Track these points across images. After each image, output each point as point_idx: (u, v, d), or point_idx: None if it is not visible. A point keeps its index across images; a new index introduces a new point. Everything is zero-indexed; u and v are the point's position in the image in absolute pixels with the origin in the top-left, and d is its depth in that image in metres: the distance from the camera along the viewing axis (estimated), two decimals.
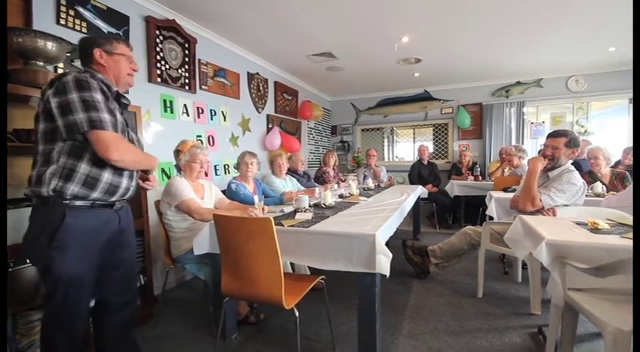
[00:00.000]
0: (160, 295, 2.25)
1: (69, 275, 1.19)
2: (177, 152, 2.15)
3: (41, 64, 1.66)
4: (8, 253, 1.47)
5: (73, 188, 1.19)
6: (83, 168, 1.20)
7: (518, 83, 5.17)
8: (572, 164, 2.27)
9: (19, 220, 1.51)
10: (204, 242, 1.79)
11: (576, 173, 2.17)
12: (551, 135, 2.27)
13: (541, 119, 5.29)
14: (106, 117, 1.18)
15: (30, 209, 1.24)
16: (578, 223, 1.70)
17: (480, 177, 4.53)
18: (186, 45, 2.97)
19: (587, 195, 2.29)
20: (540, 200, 2.10)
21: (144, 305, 2.13)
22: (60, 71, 2.02)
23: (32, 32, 1.61)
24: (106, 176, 1.25)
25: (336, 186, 3.36)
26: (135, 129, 2.13)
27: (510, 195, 2.59)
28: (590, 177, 3.06)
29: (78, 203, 1.21)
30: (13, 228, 1.50)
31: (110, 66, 1.33)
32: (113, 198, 1.31)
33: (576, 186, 2.12)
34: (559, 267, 1.43)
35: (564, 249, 1.42)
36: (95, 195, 1.24)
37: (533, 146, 5.20)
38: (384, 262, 1.45)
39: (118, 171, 1.29)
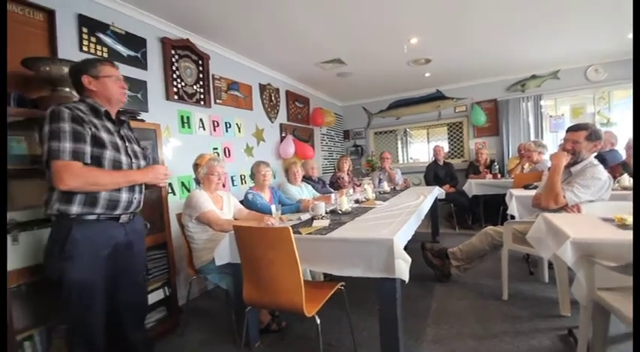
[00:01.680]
0: (184, 305, 2.31)
1: (80, 283, 1.30)
2: (196, 166, 2.23)
3: (68, 90, 1.75)
4: (42, 270, 1.53)
5: (75, 209, 1.29)
6: None
7: (534, 76, 5.04)
8: (595, 157, 2.19)
9: (37, 241, 1.57)
10: (224, 252, 1.83)
11: (600, 167, 2.09)
12: (570, 129, 2.20)
13: (560, 111, 5.13)
14: (66, 146, 1.23)
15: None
16: (604, 219, 1.64)
17: (499, 175, 4.42)
18: (200, 62, 3.08)
19: (613, 189, 2.20)
20: (564, 197, 2.03)
21: (169, 315, 2.20)
22: None
23: (58, 61, 1.71)
24: (104, 193, 1.34)
25: (351, 191, 3.37)
26: (154, 143, 2.21)
27: (531, 192, 2.52)
28: (623, 168, 2.92)
29: (84, 217, 1.32)
30: (32, 249, 1.55)
31: (99, 89, 1.41)
32: (117, 212, 1.40)
33: (601, 181, 2.04)
34: (585, 267, 1.38)
35: (591, 247, 1.37)
36: (98, 210, 1.34)
37: (553, 140, 5.04)
38: (403, 267, 1.45)
39: None
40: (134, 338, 1.59)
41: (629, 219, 1.52)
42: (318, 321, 1.49)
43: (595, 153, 2.20)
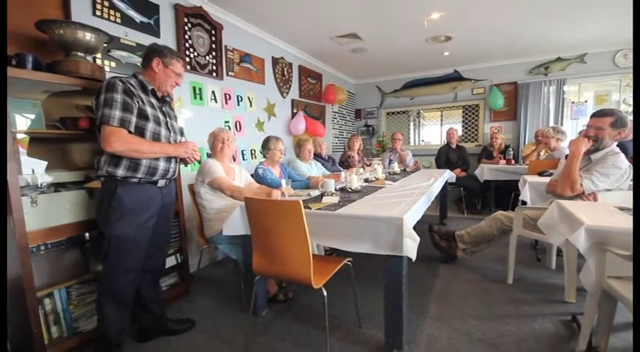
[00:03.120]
0: (195, 272, 2.39)
1: (121, 237, 1.48)
2: (208, 139, 2.27)
3: (81, 54, 1.73)
4: (61, 231, 1.63)
5: (120, 172, 1.47)
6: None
7: (559, 59, 4.80)
8: (617, 146, 2.11)
9: (65, 202, 1.67)
10: (235, 224, 1.86)
11: (622, 155, 2.02)
12: (595, 115, 2.11)
13: (583, 98, 4.92)
14: (115, 113, 1.39)
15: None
16: (621, 208, 1.60)
17: (513, 161, 4.33)
18: (213, 31, 3.01)
19: (632, 180, 2.14)
20: (581, 184, 1.99)
21: (181, 281, 2.28)
22: (98, 62, 2.12)
23: (72, 24, 1.67)
24: (144, 161, 1.52)
25: (361, 170, 3.35)
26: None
27: (546, 179, 2.47)
28: None
29: (128, 180, 1.49)
30: (65, 209, 1.65)
31: (159, 74, 1.60)
32: (155, 178, 1.58)
33: (621, 170, 1.98)
34: (597, 254, 1.37)
35: (605, 235, 1.35)
36: (139, 175, 1.51)
37: (573, 127, 4.87)
38: (410, 246, 1.46)
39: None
40: (148, 296, 1.75)
41: None
42: (325, 293, 1.53)
43: (617, 142, 2.12)
